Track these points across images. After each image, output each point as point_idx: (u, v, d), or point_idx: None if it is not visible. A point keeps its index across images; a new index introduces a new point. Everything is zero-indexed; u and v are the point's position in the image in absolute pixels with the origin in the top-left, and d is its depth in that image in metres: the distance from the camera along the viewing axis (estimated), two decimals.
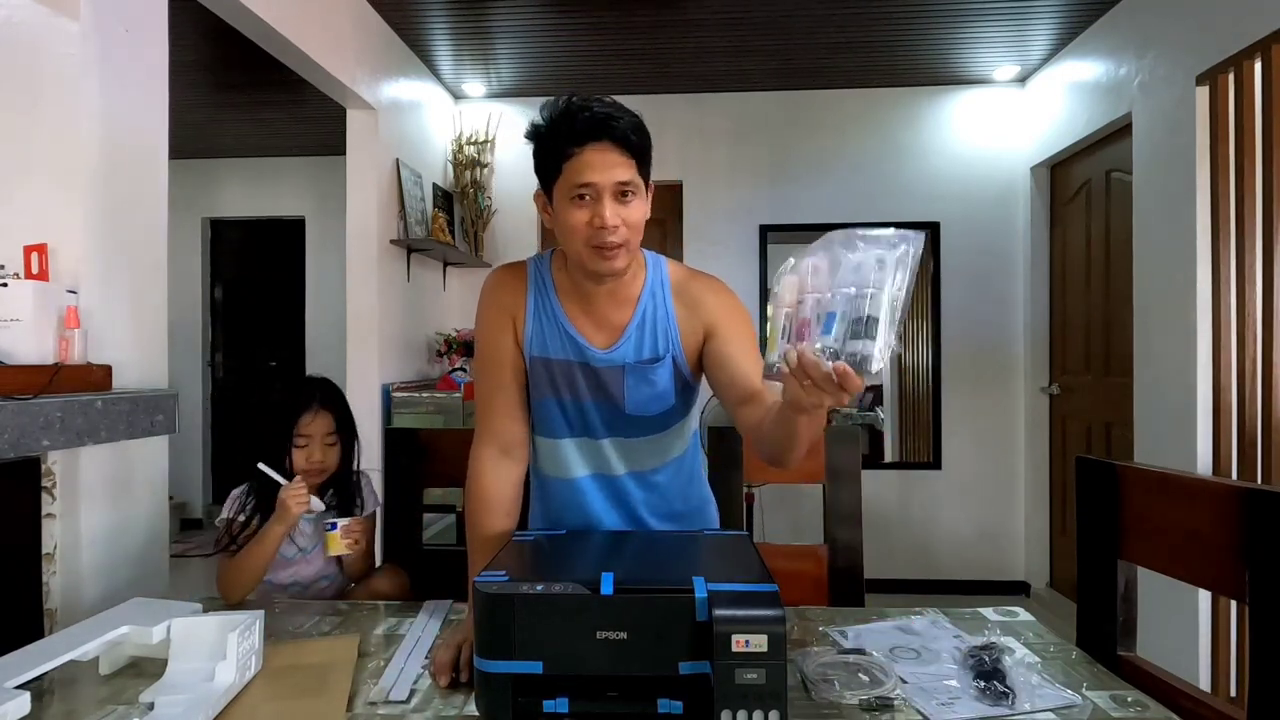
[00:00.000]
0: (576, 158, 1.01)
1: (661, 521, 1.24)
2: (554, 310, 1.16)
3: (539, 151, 1.06)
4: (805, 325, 0.77)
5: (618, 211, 1.02)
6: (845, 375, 0.73)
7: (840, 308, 0.74)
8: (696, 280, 1.18)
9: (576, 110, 1.02)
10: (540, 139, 1.05)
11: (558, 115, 1.03)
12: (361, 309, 2.96)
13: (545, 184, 1.07)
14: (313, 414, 1.48)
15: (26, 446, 1.14)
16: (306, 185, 5.05)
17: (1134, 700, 0.90)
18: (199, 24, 2.79)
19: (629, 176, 1.03)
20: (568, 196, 1.03)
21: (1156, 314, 2.67)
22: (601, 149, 1.01)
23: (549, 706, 0.83)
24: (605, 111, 1.02)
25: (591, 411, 1.17)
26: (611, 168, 1.01)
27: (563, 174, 1.03)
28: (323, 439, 1.49)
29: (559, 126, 1.03)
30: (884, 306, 0.72)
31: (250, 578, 1.39)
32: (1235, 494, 0.91)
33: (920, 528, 3.82)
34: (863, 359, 0.72)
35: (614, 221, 1.02)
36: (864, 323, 0.72)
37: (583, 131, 1.01)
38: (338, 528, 1.41)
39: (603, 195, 1.02)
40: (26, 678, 0.82)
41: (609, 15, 3.00)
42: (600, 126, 1.01)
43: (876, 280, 0.72)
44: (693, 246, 3.88)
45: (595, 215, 1.02)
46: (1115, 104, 2.94)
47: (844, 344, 0.73)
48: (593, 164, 1.01)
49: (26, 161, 1.47)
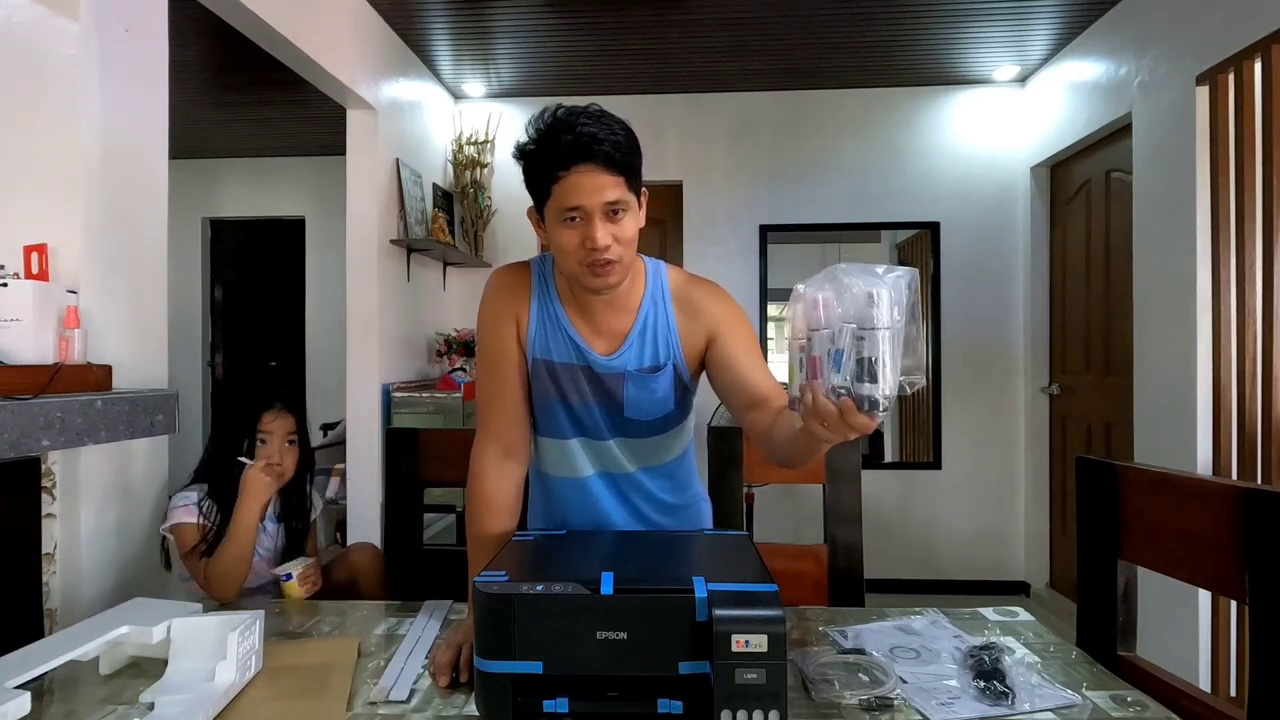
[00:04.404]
0: (563, 181, 1.00)
1: (661, 514, 1.26)
2: (557, 314, 1.16)
3: (527, 171, 1.05)
4: (816, 364, 0.78)
5: (609, 230, 1.01)
6: (850, 415, 0.73)
7: (846, 346, 0.74)
8: (696, 287, 1.18)
9: (560, 130, 1.00)
10: (527, 159, 1.04)
11: (542, 135, 1.01)
12: (361, 309, 2.96)
13: (536, 203, 1.07)
14: (275, 413, 1.56)
15: (26, 446, 1.14)
16: (306, 185, 5.05)
17: (1134, 700, 0.90)
18: (199, 24, 2.80)
19: (618, 195, 1.01)
20: (558, 218, 1.02)
21: (1156, 314, 2.67)
22: (588, 171, 0.99)
23: (549, 706, 0.83)
24: (590, 131, 0.99)
25: (596, 413, 1.18)
26: (600, 189, 1.00)
27: (552, 196, 1.02)
28: (283, 438, 1.56)
29: (544, 148, 1.01)
30: (881, 347, 0.72)
31: (239, 568, 1.42)
32: (1235, 494, 0.91)
33: (920, 528, 3.82)
34: (870, 403, 0.73)
35: (605, 242, 1.01)
36: (865, 365, 0.73)
37: (567, 154, 0.99)
38: (293, 577, 1.43)
39: (593, 216, 1.00)
40: (26, 678, 0.82)
41: (609, 15, 3.00)
42: (585, 149, 0.98)
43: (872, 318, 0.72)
44: (693, 246, 3.89)
45: (586, 237, 1.01)
46: (1115, 104, 2.94)
47: (853, 385, 0.74)
48: (580, 187, 0.99)
49: (26, 162, 1.47)
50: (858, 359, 0.73)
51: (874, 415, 0.73)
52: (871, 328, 0.72)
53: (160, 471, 1.66)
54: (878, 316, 0.72)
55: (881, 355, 0.72)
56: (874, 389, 0.72)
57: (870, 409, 0.73)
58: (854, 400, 0.73)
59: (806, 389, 0.78)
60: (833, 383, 0.75)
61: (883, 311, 0.72)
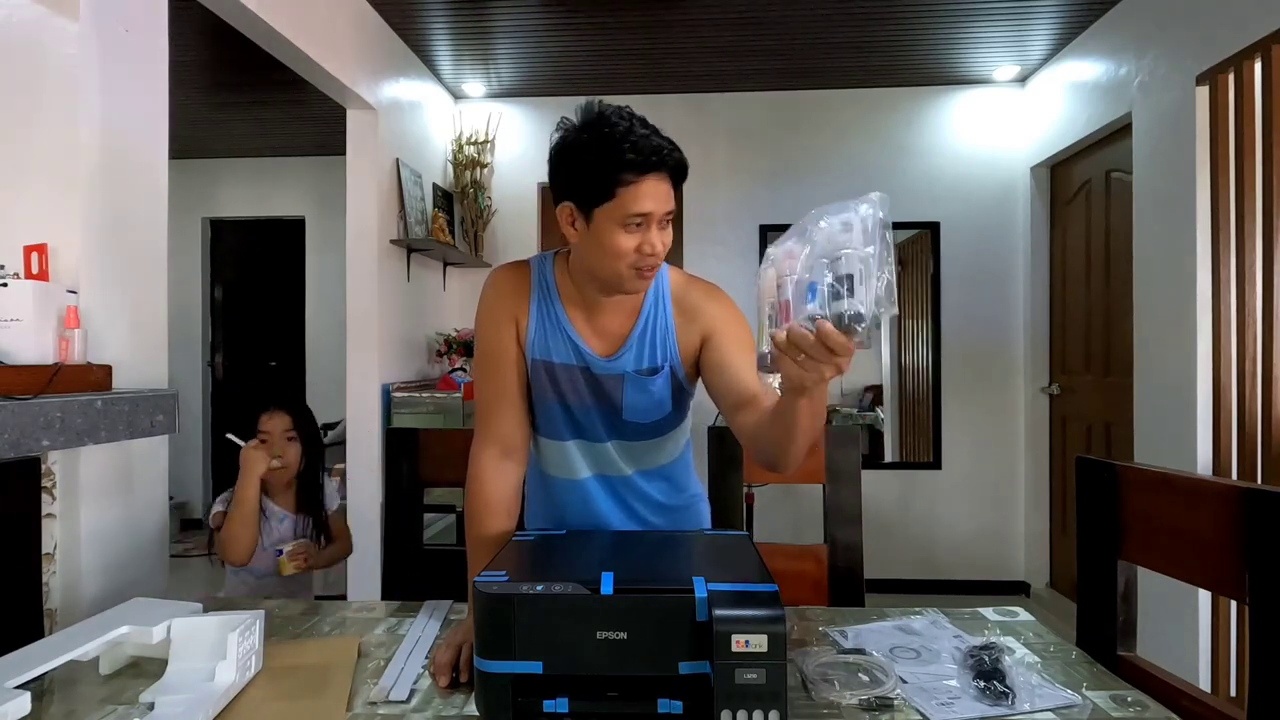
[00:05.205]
0: (635, 186, 0.99)
1: (658, 516, 1.26)
2: (557, 314, 1.16)
3: (582, 170, 1.01)
4: (787, 307, 0.76)
5: (661, 237, 1.04)
6: (827, 334, 0.71)
7: (818, 277, 0.71)
8: (695, 288, 1.19)
9: (633, 136, 0.99)
10: (586, 158, 1.01)
11: (609, 137, 0.99)
12: (361, 309, 2.96)
13: (585, 202, 1.03)
14: (270, 414, 1.83)
15: (26, 446, 1.14)
16: (306, 185, 5.05)
17: (1134, 700, 0.90)
18: (199, 24, 2.80)
19: (672, 206, 1.04)
20: (618, 222, 1.01)
21: (1156, 314, 2.67)
22: (659, 179, 1.01)
23: (549, 706, 0.83)
24: (659, 142, 1.01)
25: (594, 414, 1.18)
26: (666, 198, 1.03)
27: (616, 199, 1.00)
28: (282, 435, 1.82)
29: (613, 150, 0.99)
30: (857, 265, 0.69)
31: (243, 533, 1.69)
32: (1235, 494, 0.91)
33: (920, 528, 3.82)
34: (852, 316, 0.69)
35: (661, 248, 1.04)
36: (843, 281, 0.69)
37: (644, 161, 0.99)
38: (283, 553, 1.74)
39: (653, 223, 1.03)
40: (26, 678, 0.82)
41: (609, 15, 3.00)
42: (660, 158, 1.00)
43: (846, 242, 0.70)
44: (693, 246, 3.89)
45: (645, 242, 1.02)
46: (1115, 104, 2.94)
47: (828, 308, 0.71)
48: (652, 194, 1.00)
49: (26, 162, 1.47)
50: (834, 279, 0.70)
51: (855, 332, 0.70)
52: (847, 250, 0.69)
53: (160, 471, 1.66)
54: (850, 240, 0.69)
55: (858, 272, 0.69)
56: (852, 303, 0.69)
57: (852, 323, 0.69)
58: (832, 320, 0.70)
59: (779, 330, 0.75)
60: (806, 311, 0.71)
61: (855, 234, 0.69)
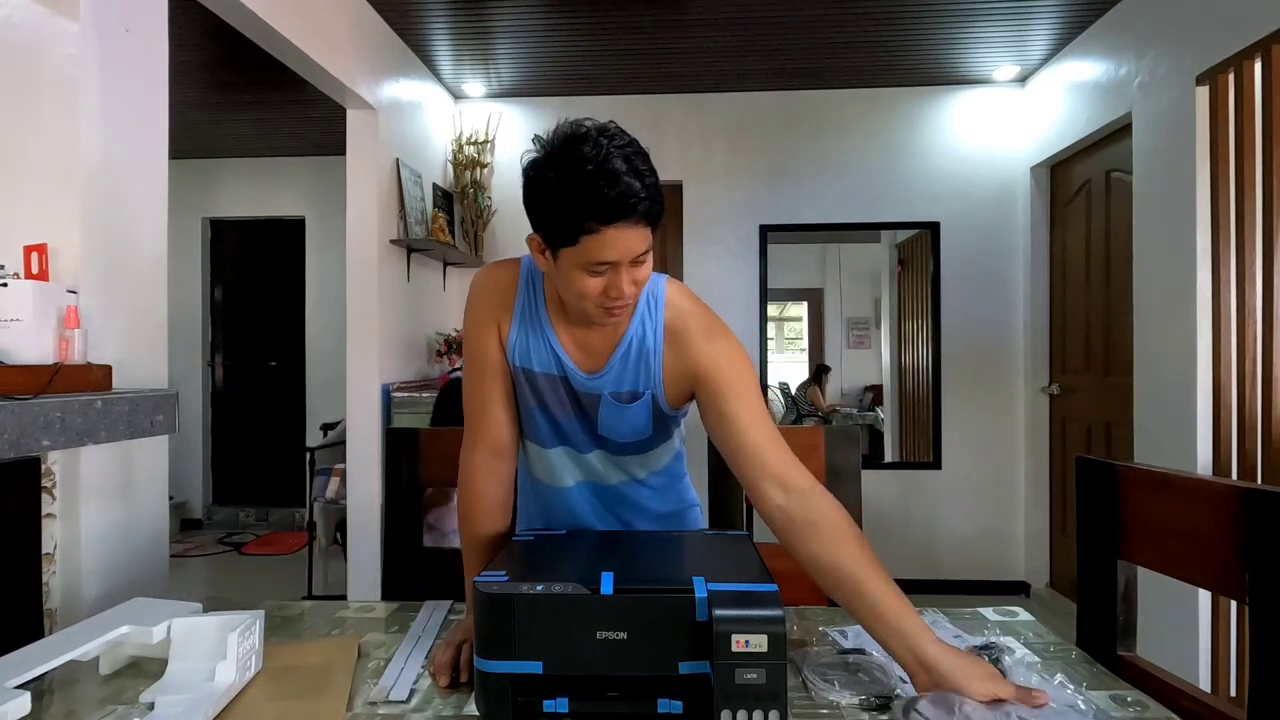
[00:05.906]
0: (597, 236, 0.91)
1: (648, 523, 1.25)
2: (542, 323, 1.12)
3: (544, 204, 0.95)
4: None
5: (631, 277, 0.97)
6: None
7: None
8: (694, 320, 1.09)
9: (597, 179, 0.89)
10: (546, 194, 0.94)
11: (574, 179, 0.90)
12: (361, 309, 2.96)
13: (549, 241, 0.97)
14: None
15: (26, 446, 1.14)
16: (306, 185, 5.05)
17: (1134, 700, 0.90)
18: (199, 24, 2.80)
19: (646, 245, 0.96)
20: (581, 267, 0.95)
21: (1156, 314, 2.67)
22: (625, 227, 0.92)
23: (549, 706, 0.83)
24: (629, 185, 0.90)
25: (576, 425, 1.16)
26: (634, 244, 0.94)
27: (579, 245, 0.93)
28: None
29: (577, 196, 0.90)
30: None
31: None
32: (1235, 494, 0.91)
33: (920, 528, 3.82)
34: None
35: (629, 291, 0.97)
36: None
37: (606, 211, 0.90)
38: None
39: (620, 268, 0.95)
40: (26, 678, 0.82)
41: (609, 15, 3.00)
42: (626, 208, 0.90)
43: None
44: (693, 246, 3.89)
45: (612, 286, 0.96)
46: (1115, 104, 2.94)
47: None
48: (615, 243, 0.92)
49: (26, 161, 1.47)
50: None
51: None
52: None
53: (160, 471, 1.66)
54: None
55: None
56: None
57: None
58: None
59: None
60: None
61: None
